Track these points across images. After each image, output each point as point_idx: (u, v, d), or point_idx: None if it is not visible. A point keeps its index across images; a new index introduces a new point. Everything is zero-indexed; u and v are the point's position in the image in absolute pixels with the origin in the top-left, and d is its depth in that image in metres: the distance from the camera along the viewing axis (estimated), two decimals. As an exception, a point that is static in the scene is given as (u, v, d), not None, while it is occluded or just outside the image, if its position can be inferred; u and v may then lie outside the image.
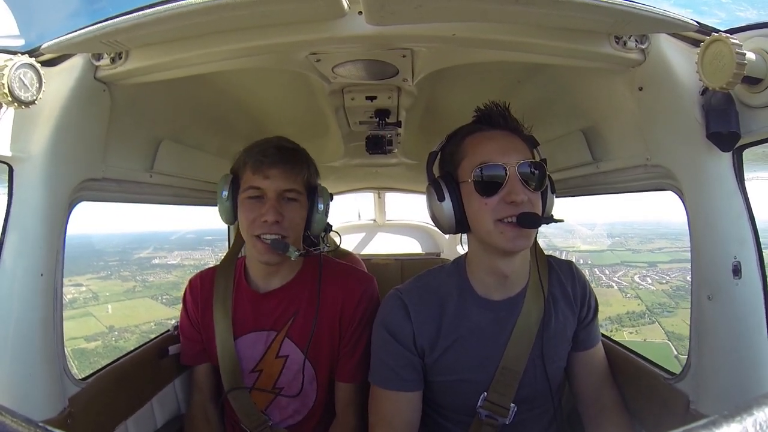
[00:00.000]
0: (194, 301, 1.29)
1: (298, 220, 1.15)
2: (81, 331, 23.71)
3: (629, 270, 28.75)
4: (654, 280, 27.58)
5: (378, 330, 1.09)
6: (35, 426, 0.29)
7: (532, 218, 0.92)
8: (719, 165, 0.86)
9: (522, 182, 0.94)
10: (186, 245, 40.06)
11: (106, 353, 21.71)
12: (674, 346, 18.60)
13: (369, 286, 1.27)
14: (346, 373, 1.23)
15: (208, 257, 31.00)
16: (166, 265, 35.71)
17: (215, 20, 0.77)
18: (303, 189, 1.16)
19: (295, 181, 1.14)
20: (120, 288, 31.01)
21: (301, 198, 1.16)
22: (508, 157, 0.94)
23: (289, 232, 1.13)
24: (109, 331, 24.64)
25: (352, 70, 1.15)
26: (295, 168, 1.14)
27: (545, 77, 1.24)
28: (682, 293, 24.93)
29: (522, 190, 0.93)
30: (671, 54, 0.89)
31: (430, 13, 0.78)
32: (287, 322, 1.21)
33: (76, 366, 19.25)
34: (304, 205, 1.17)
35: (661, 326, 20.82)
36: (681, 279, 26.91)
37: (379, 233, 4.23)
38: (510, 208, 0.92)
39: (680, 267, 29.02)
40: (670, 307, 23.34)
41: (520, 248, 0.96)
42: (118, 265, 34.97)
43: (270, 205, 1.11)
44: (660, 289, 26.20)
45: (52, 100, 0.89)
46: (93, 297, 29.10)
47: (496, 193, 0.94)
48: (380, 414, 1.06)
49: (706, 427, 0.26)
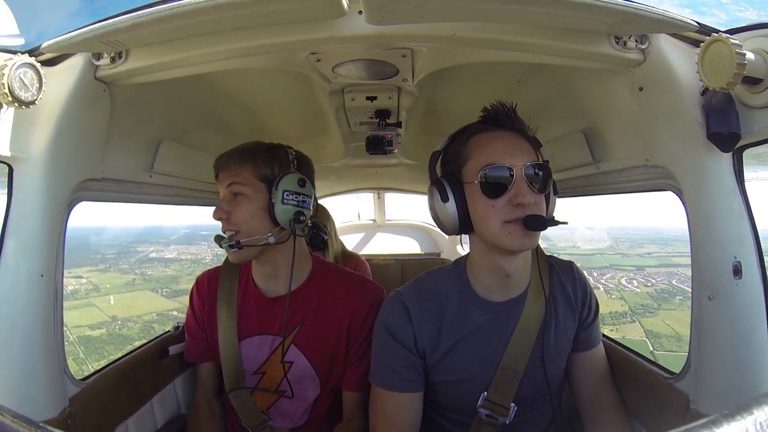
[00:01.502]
0: (201, 300, 1.29)
1: (244, 215, 1.12)
2: (85, 320, 24.77)
3: (617, 273, 30.18)
4: (640, 282, 29.04)
5: (379, 331, 1.08)
6: (35, 426, 0.29)
7: (539, 220, 0.92)
8: (719, 165, 0.86)
9: (528, 184, 0.93)
10: (182, 240, 41.51)
11: (110, 340, 22.78)
12: (651, 343, 20.30)
13: (379, 298, 1.24)
14: (354, 382, 1.22)
15: (205, 252, 32.46)
16: (163, 259, 36.94)
17: (215, 20, 0.77)
18: (250, 182, 1.13)
19: (238, 174, 1.13)
20: (120, 281, 31.99)
21: (247, 191, 1.13)
22: (515, 158, 0.94)
23: (239, 228, 1.12)
24: (112, 321, 25.74)
25: (352, 70, 1.15)
26: (237, 163, 1.14)
27: (545, 77, 1.24)
28: (665, 296, 27.06)
29: (528, 192, 0.92)
30: (671, 54, 0.89)
31: (430, 12, 0.78)
32: (294, 329, 1.21)
33: (82, 351, 20.66)
34: (255, 198, 1.13)
35: (642, 325, 22.39)
36: (666, 282, 28.93)
37: (378, 233, 4.23)
38: (517, 210, 0.92)
39: (667, 271, 31.29)
40: (651, 308, 24.96)
41: (527, 248, 0.96)
42: (116, 258, 36.19)
43: (218, 204, 1.14)
44: (644, 292, 27.56)
45: (52, 100, 0.89)
46: (94, 288, 30.10)
47: (503, 194, 0.93)
48: (382, 414, 1.05)
49: (706, 426, 0.26)
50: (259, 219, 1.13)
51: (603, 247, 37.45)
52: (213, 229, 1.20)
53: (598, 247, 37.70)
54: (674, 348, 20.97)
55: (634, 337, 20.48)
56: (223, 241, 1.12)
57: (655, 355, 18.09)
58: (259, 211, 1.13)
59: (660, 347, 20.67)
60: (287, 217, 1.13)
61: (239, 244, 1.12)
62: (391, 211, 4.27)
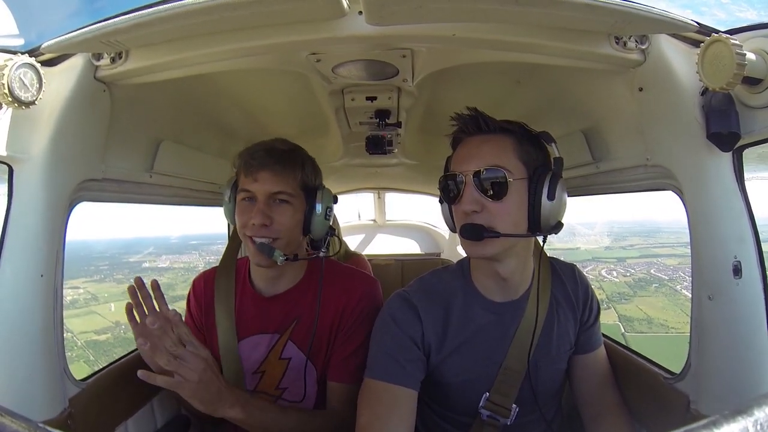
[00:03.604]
0: (197, 302, 1.28)
1: (288, 223, 1.12)
2: (90, 326, 26.17)
3: (598, 265, 31.90)
4: (619, 273, 30.88)
5: (384, 323, 1.05)
6: (35, 426, 0.29)
7: (471, 230, 0.92)
8: (719, 165, 0.86)
9: (478, 191, 0.93)
10: (173, 250, 43.50)
11: (117, 343, 24.07)
12: (623, 326, 22.33)
13: (371, 287, 1.25)
14: (340, 372, 1.18)
15: (197, 260, 34.16)
16: (157, 269, 38.58)
17: (215, 20, 0.77)
18: (296, 191, 1.14)
19: (286, 183, 1.12)
20: (117, 290, 33.33)
21: (293, 200, 1.13)
22: (467, 164, 0.94)
23: (280, 235, 1.11)
24: (116, 326, 26.93)
25: (352, 71, 1.15)
26: (285, 169, 1.12)
27: (545, 77, 1.24)
28: (642, 284, 29.38)
29: (474, 200, 0.92)
30: (671, 54, 0.89)
31: (431, 13, 0.78)
32: (290, 325, 1.21)
33: (92, 354, 22.55)
34: (298, 208, 1.14)
35: (616, 311, 24.60)
36: (644, 272, 30.99)
37: (379, 233, 4.23)
38: (463, 219, 0.94)
39: (647, 261, 33.70)
40: (627, 295, 27.27)
41: (476, 256, 0.98)
42: (110, 269, 37.79)
43: (258, 208, 1.10)
44: (623, 281, 29.58)
45: (52, 100, 0.89)
46: (92, 298, 31.33)
47: (457, 202, 0.96)
48: (376, 411, 0.96)
49: (706, 427, 0.26)
50: (298, 228, 1.15)
51: (585, 242, 39.13)
52: (204, 239, 1.19)
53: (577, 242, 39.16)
54: (644, 330, 23.32)
55: (608, 322, 21.63)
56: (276, 252, 1.08)
57: (626, 337, 19.80)
58: (300, 220, 1.15)
59: (631, 329, 22.44)
60: (323, 231, 1.17)
61: (296, 257, 1.15)
62: (391, 211, 4.27)
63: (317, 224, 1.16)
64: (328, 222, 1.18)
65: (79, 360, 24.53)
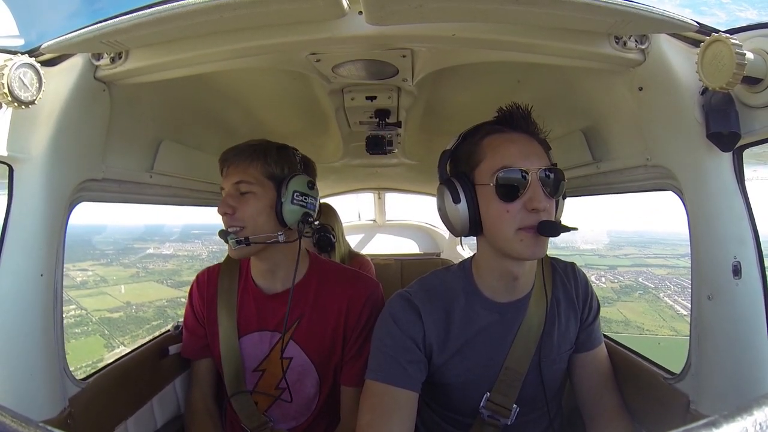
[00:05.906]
0: (201, 297, 1.29)
1: (251, 212, 1.13)
2: (102, 305, 28.43)
3: (589, 271, 35.00)
4: (608, 280, 33.62)
5: (386, 323, 1.04)
6: (35, 426, 0.29)
7: (552, 227, 0.90)
8: (719, 165, 0.86)
9: (542, 188, 0.92)
10: (176, 238, 45.88)
11: (129, 321, 26.08)
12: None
13: (375, 291, 1.25)
14: (352, 376, 1.21)
15: (199, 249, 36.64)
16: (162, 255, 40.77)
17: (215, 20, 0.77)
18: (259, 180, 1.14)
19: (245, 173, 1.13)
20: (124, 273, 35.52)
21: (256, 189, 1.14)
22: (530, 161, 0.92)
23: (245, 224, 1.12)
24: (127, 306, 28.94)
25: (352, 70, 1.15)
26: (245, 161, 1.14)
27: (545, 77, 1.24)
28: (627, 290, 32.42)
29: (542, 197, 0.91)
30: (671, 54, 0.89)
31: (431, 13, 0.78)
32: (292, 325, 1.21)
33: (106, 329, 24.66)
34: (262, 196, 1.14)
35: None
36: (632, 280, 34.02)
37: (378, 233, 4.23)
38: (531, 217, 0.90)
39: (637, 270, 36.70)
40: (611, 300, 29.96)
41: (537, 256, 0.94)
42: (115, 254, 40.09)
43: (222, 199, 1.14)
44: (609, 287, 32.15)
45: (52, 100, 0.89)
46: (102, 280, 33.60)
47: (518, 198, 0.91)
48: (377, 412, 0.97)
49: (706, 427, 0.26)
50: (265, 217, 1.14)
51: (581, 249, 40.48)
52: (206, 228, 1.21)
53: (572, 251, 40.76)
54: (620, 330, 25.61)
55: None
56: (230, 236, 1.12)
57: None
58: (266, 209, 1.14)
59: (608, 329, 23.74)
60: (295, 218, 1.15)
61: (248, 240, 1.12)
62: (391, 211, 4.27)
63: (287, 212, 1.14)
64: (301, 209, 1.15)
65: (95, 334, 26.01)
